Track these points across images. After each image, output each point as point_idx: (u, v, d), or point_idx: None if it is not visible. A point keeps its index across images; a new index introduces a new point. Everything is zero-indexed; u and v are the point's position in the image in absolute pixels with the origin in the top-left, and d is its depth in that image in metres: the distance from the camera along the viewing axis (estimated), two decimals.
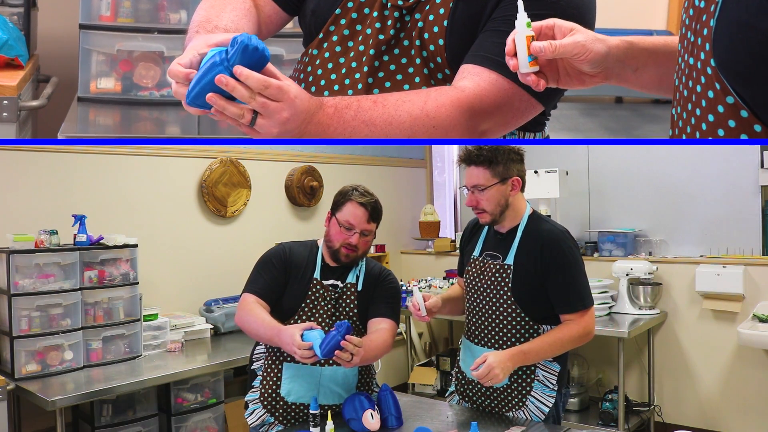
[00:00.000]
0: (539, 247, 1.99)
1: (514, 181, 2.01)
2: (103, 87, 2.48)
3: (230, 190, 3.73)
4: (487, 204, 2.00)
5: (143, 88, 2.48)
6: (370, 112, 1.36)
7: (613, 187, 4.26)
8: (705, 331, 3.81)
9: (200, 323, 3.35)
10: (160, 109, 2.53)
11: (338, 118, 1.33)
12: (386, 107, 1.37)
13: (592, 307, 2.01)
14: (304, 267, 2.09)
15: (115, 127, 2.61)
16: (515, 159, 2.01)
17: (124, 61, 2.48)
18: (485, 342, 2.07)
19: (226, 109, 1.17)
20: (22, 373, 2.63)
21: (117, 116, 2.50)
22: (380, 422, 1.91)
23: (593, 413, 3.85)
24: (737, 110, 1.04)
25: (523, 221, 2.05)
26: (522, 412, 2.02)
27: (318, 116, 1.29)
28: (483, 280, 2.08)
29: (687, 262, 3.85)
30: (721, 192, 3.87)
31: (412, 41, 1.59)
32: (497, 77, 1.47)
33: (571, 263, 1.99)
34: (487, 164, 1.97)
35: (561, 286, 1.98)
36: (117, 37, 2.45)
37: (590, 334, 2.00)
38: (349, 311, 2.08)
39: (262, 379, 2.08)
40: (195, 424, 3.05)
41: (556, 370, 2.03)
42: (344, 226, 2.02)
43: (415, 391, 4.36)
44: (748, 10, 0.97)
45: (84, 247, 2.83)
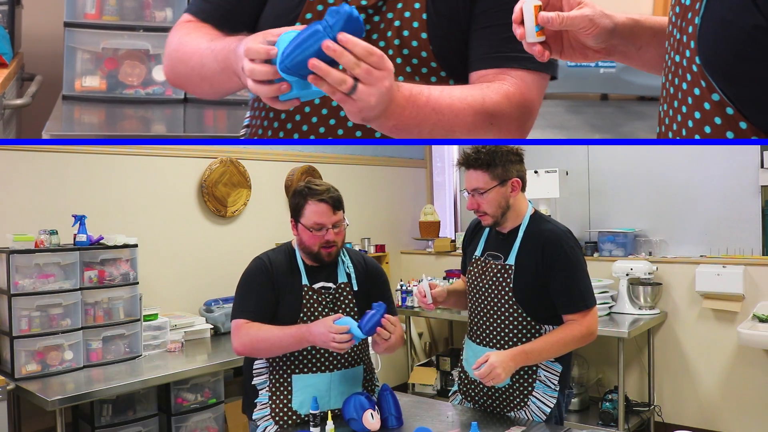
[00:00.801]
0: (540, 247, 1.98)
1: (513, 182, 2.00)
2: (88, 85, 2.47)
3: (230, 190, 3.73)
4: (488, 206, 2.01)
5: (128, 86, 2.47)
6: (439, 100, 1.34)
7: (613, 187, 4.26)
8: (705, 331, 3.81)
9: (200, 323, 3.36)
10: (146, 107, 2.51)
11: (413, 102, 1.31)
12: (452, 98, 1.36)
13: (595, 307, 2.01)
14: (290, 276, 2.02)
15: (100, 125, 2.60)
16: (514, 160, 2.00)
17: (109, 59, 2.46)
18: (488, 342, 2.07)
19: (329, 74, 1.16)
20: (22, 373, 2.63)
21: (102, 114, 2.49)
22: (380, 422, 1.91)
23: (593, 413, 3.85)
24: (723, 107, 1.05)
25: (525, 221, 2.05)
26: (524, 412, 2.02)
27: (397, 96, 1.27)
28: (485, 280, 2.08)
29: (687, 262, 3.85)
30: (721, 192, 3.87)
31: (389, 41, 1.54)
32: (533, 74, 1.49)
33: (573, 263, 1.98)
34: (486, 167, 1.97)
35: (563, 286, 1.97)
36: (102, 35, 2.44)
37: (593, 335, 1.99)
38: (349, 311, 2.04)
39: (271, 394, 2.00)
40: (195, 424, 3.05)
41: (557, 370, 2.03)
42: (314, 228, 1.96)
43: (415, 391, 4.36)
44: (731, 9, 0.98)
45: (84, 247, 2.83)
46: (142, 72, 2.48)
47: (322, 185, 1.99)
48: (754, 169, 3.76)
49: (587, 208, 4.35)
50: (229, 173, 3.71)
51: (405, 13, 1.56)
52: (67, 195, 3.09)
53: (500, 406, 2.07)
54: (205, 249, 3.66)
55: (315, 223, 1.95)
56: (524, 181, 2.05)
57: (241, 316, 1.97)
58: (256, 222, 3.90)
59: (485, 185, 1.98)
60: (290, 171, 4.10)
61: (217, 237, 3.72)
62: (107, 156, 3.24)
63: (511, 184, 2.00)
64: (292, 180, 4.07)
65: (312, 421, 1.87)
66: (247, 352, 1.98)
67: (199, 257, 3.62)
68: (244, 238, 3.82)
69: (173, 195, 3.53)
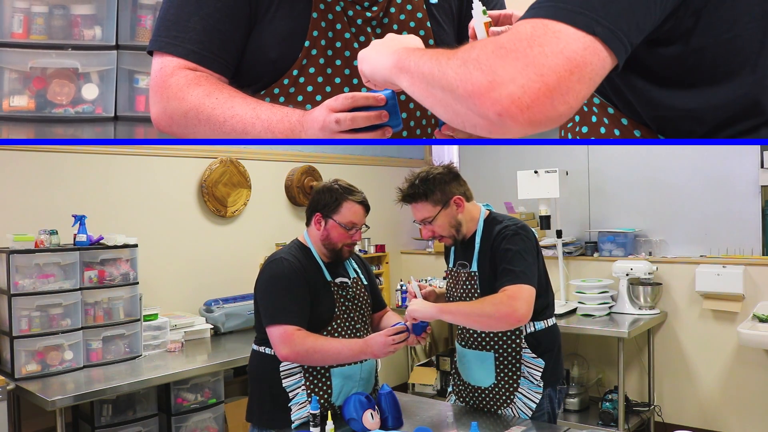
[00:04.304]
0: (491, 247, 2.03)
1: (456, 200, 2.06)
2: (16, 105, 2.43)
3: (230, 190, 3.73)
4: (442, 230, 2.08)
5: (58, 105, 2.44)
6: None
7: (613, 187, 4.26)
8: (705, 331, 3.80)
9: (200, 323, 3.36)
10: (75, 125, 2.48)
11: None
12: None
13: (527, 290, 1.90)
14: (316, 273, 2.07)
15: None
16: (449, 179, 2.06)
17: (37, 78, 2.43)
18: (470, 344, 2.14)
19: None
20: (22, 373, 2.63)
21: (31, 133, 2.46)
22: (380, 422, 1.91)
23: (593, 413, 3.85)
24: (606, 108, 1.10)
25: (480, 226, 2.10)
26: (510, 409, 2.05)
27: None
28: (458, 289, 2.15)
29: (687, 262, 3.85)
30: (721, 192, 3.87)
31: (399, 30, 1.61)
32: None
33: (512, 245, 1.97)
34: (424, 197, 2.05)
35: (501, 266, 1.97)
36: (30, 54, 2.40)
37: (515, 314, 1.86)
38: (367, 306, 2.16)
39: (309, 392, 2.00)
40: (195, 424, 3.05)
41: (540, 366, 2.06)
42: (347, 227, 2.05)
43: (415, 391, 4.36)
44: None
45: (84, 247, 2.83)
46: (71, 91, 2.45)
47: (356, 189, 2.10)
48: (754, 169, 3.76)
49: (587, 208, 4.35)
50: (229, 173, 3.71)
51: (410, 24, 1.60)
52: (67, 195, 3.09)
53: (489, 404, 2.11)
54: (205, 249, 3.66)
55: (350, 221, 2.05)
56: (467, 193, 2.10)
57: (287, 321, 1.94)
58: (256, 222, 3.90)
59: (430, 213, 2.06)
60: (290, 171, 4.10)
61: (217, 237, 3.72)
62: (107, 156, 3.24)
63: (455, 203, 2.06)
64: (292, 180, 4.07)
65: (312, 421, 1.87)
66: (298, 360, 1.97)
67: (199, 257, 3.62)
68: (244, 238, 3.82)
69: (173, 195, 3.53)
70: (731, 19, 1.07)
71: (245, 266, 3.78)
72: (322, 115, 1.31)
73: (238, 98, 1.45)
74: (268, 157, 4.00)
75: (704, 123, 1.13)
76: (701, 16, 1.05)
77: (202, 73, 1.50)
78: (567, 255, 4.12)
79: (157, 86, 1.51)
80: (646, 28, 1.00)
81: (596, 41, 0.94)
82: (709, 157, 3.90)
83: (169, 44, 1.51)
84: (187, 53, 1.50)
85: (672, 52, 1.07)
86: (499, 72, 0.93)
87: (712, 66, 1.09)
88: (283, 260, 2.04)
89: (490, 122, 0.95)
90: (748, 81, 1.10)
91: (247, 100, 1.45)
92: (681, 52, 1.07)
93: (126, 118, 2.53)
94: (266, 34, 1.55)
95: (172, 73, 1.49)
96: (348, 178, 2.33)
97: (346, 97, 1.30)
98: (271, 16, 1.55)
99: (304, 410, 1.99)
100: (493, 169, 4.76)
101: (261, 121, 1.40)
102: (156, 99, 1.51)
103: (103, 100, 2.49)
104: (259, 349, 2.09)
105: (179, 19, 1.52)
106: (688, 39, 1.06)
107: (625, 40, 0.97)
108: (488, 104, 0.93)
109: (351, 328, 2.08)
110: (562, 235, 4.01)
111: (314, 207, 2.09)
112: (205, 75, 1.50)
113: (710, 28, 1.06)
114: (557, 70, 0.92)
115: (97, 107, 2.49)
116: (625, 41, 0.97)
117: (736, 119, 1.13)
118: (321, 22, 1.56)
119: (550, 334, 2.12)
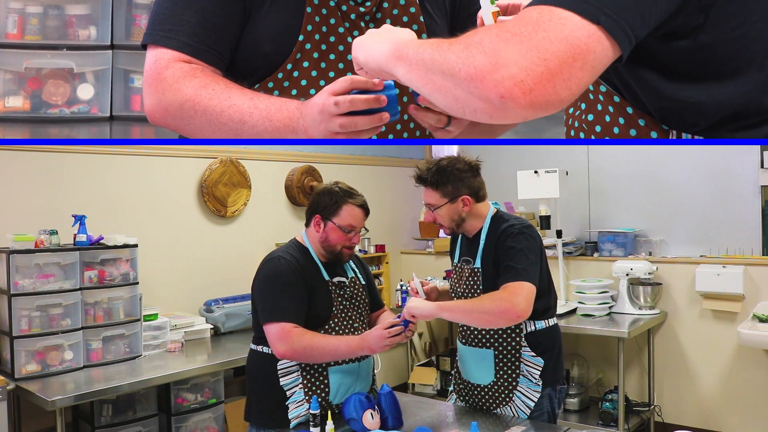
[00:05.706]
0: (495, 245, 2.04)
1: (464, 199, 2.07)
2: (12, 105, 2.43)
3: (230, 190, 3.73)
4: (442, 220, 2.12)
5: (53, 105, 2.44)
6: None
7: (613, 187, 4.26)
8: (705, 331, 3.80)
9: (200, 323, 3.36)
10: (71, 126, 2.49)
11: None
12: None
13: (527, 287, 1.91)
14: (314, 272, 2.08)
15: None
16: (466, 176, 2.07)
17: (32, 78, 2.43)
18: (471, 341, 2.14)
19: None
20: (22, 373, 2.63)
21: (26, 134, 2.46)
22: (380, 422, 1.91)
23: (593, 413, 3.85)
24: (623, 106, 1.10)
25: (486, 224, 2.11)
26: (509, 408, 2.05)
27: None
28: (461, 285, 2.16)
29: (687, 262, 3.85)
30: (721, 192, 3.87)
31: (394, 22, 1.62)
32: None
33: (516, 245, 1.98)
34: (435, 186, 2.07)
35: (502, 262, 1.99)
36: (25, 54, 2.40)
37: (514, 309, 1.86)
38: (365, 305, 2.17)
39: (307, 390, 2.01)
40: (195, 424, 3.05)
41: (539, 364, 2.06)
42: (346, 229, 2.06)
43: (415, 391, 4.36)
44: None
45: (84, 247, 2.83)
46: (66, 91, 2.45)
47: (357, 192, 2.10)
48: (754, 169, 3.76)
49: (587, 208, 4.35)
50: (229, 173, 3.71)
51: (403, 18, 1.61)
52: (67, 195, 3.09)
53: (488, 403, 2.11)
54: (205, 249, 3.66)
55: (349, 224, 2.06)
56: (479, 194, 2.10)
57: (284, 319, 1.95)
58: (256, 222, 3.90)
59: (436, 202, 2.09)
60: (290, 171, 4.10)
61: (217, 237, 3.72)
62: (107, 156, 3.24)
63: (462, 201, 2.07)
64: (292, 180, 4.07)
65: (312, 421, 1.87)
66: (296, 358, 1.98)
67: (199, 257, 3.62)
68: (244, 238, 3.82)
69: (173, 195, 3.53)
70: (740, 16, 1.08)
71: (245, 266, 3.77)
72: (321, 99, 1.32)
73: (234, 89, 1.45)
74: (268, 157, 4.00)
75: (708, 117, 1.14)
76: (710, 13, 1.06)
77: (197, 65, 1.50)
78: (567, 255, 4.12)
79: (152, 79, 1.50)
80: (652, 21, 1.02)
81: (600, 30, 0.96)
82: (709, 157, 3.90)
83: (164, 37, 1.51)
84: (182, 46, 1.50)
85: (681, 47, 1.09)
86: (502, 54, 0.94)
87: (720, 62, 1.11)
88: (280, 259, 2.05)
89: (492, 105, 0.96)
90: (754, 79, 1.12)
91: (244, 90, 1.45)
92: (690, 47, 1.09)
93: (122, 117, 2.53)
94: (261, 27, 1.56)
95: (167, 65, 1.49)
96: (348, 178, 2.34)
97: (345, 80, 1.31)
98: (265, 10, 1.55)
99: (302, 408, 1.99)
100: (493, 169, 4.74)
101: (259, 110, 1.39)
102: (150, 91, 1.50)
103: (98, 100, 2.50)
104: (256, 348, 2.09)
105: (174, 13, 1.52)
106: (697, 35, 1.08)
107: (630, 31, 0.98)
108: (490, 86, 0.94)
109: (349, 327, 2.08)
110: (562, 235, 4.01)
111: (314, 209, 2.10)
112: (200, 67, 1.50)
113: (719, 25, 1.07)
114: (560, 55, 0.93)
115: (92, 107, 2.49)
116: (629, 33, 0.98)
117: (739, 115, 1.14)
118: (315, 17, 1.57)
119: (551, 333, 2.12)
